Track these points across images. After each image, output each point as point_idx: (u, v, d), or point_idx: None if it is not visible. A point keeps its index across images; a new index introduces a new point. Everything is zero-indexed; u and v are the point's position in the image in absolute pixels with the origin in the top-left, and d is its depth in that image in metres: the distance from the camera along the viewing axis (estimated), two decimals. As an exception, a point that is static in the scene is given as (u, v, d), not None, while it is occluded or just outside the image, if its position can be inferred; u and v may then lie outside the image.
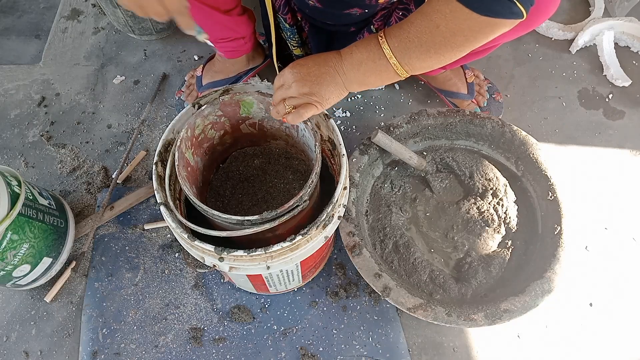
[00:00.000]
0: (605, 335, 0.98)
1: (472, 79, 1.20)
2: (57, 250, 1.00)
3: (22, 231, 0.89)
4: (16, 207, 0.86)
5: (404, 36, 0.64)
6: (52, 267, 1.01)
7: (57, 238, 0.99)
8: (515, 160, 1.05)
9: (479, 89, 1.21)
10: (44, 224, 0.94)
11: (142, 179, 1.16)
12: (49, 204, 0.98)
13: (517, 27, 0.84)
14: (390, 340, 0.96)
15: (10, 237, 0.86)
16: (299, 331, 0.98)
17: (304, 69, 0.68)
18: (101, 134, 1.24)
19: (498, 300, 0.87)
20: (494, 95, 1.22)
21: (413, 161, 1.02)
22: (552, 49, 1.36)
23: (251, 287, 0.93)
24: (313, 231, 0.68)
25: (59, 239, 1.00)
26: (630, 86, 1.28)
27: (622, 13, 1.37)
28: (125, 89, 1.31)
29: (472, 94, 1.18)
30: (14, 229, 0.87)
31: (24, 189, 0.90)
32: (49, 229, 0.96)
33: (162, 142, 0.76)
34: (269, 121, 0.82)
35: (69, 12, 1.47)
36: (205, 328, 0.98)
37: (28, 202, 0.91)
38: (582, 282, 1.03)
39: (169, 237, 1.08)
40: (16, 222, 0.87)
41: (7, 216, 0.84)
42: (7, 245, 0.86)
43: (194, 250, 0.69)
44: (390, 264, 0.97)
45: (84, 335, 0.98)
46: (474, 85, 1.20)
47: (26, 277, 0.96)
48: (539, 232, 0.99)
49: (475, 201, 1.03)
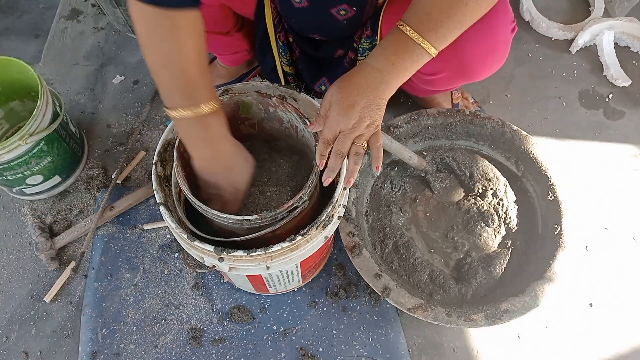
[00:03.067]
0: (606, 335, 0.98)
1: (458, 100, 1.21)
2: (68, 173, 1.14)
3: (51, 145, 1.04)
4: (55, 123, 1.02)
5: (440, 29, 0.63)
6: (58, 186, 1.13)
7: (72, 162, 1.14)
8: (515, 160, 1.05)
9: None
10: (68, 146, 1.10)
11: (142, 179, 1.16)
12: (75, 132, 1.14)
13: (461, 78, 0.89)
14: (390, 341, 0.96)
15: (41, 147, 1.01)
16: (298, 331, 0.98)
17: (357, 107, 0.64)
18: (101, 134, 1.24)
19: (498, 301, 0.87)
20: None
21: (413, 161, 1.01)
22: (552, 49, 1.36)
23: (251, 287, 0.93)
24: (313, 231, 0.68)
25: (73, 164, 1.14)
26: (630, 86, 1.28)
27: (622, 13, 1.37)
28: (125, 89, 1.31)
29: None
30: (47, 141, 1.02)
31: (63, 112, 1.07)
32: (70, 152, 1.11)
33: (162, 142, 0.76)
34: (269, 122, 0.82)
35: (69, 12, 1.47)
36: (205, 328, 0.98)
37: (63, 124, 1.06)
38: (582, 282, 1.03)
39: (168, 238, 1.08)
40: (51, 136, 1.02)
41: (47, 128, 0.99)
42: (37, 153, 1.01)
43: (194, 250, 0.69)
44: (390, 264, 0.97)
45: (84, 336, 0.98)
46: (459, 106, 1.21)
47: (35, 187, 1.08)
48: (539, 232, 0.99)
49: (475, 201, 1.03)
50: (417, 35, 0.63)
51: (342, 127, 0.65)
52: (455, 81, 0.94)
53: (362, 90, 0.64)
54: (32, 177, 1.05)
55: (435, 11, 0.62)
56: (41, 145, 1.01)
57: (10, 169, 1.00)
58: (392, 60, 0.64)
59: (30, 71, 1.00)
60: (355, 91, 0.64)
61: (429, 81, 0.95)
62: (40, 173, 1.05)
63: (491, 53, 0.83)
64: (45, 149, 1.02)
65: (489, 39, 0.80)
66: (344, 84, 0.65)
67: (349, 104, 0.64)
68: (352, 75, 0.66)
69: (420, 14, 0.63)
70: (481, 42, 0.80)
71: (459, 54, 0.79)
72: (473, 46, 0.80)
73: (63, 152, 1.08)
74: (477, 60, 0.84)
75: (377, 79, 0.64)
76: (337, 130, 0.66)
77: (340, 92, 0.65)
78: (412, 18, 0.64)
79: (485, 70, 0.88)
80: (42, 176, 1.06)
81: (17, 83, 1.08)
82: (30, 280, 1.05)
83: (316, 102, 0.81)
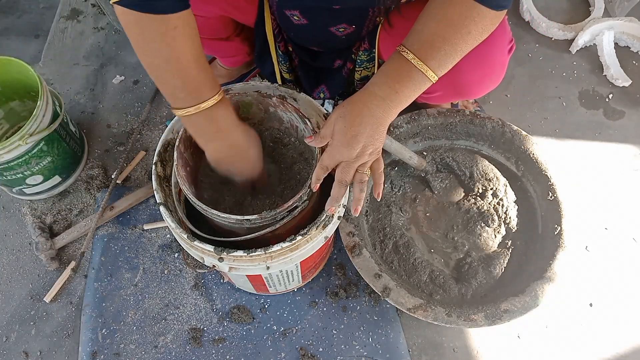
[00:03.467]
0: (606, 335, 0.98)
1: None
2: (68, 173, 1.13)
3: (51, 145, 1.04)
4: (55, 123, 1.02)
5: (442, 56, 0.63)
6: (58, 186, 1.13)
7: (72, 162, 1.14)
8: (515, 160, 1.05)
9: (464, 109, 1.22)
10: (68, 146, 1.10)
11: (142, 179, 1.16)
12: (75, 132, 1.15)
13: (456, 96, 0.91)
14: (390, 341, 0.96)
15: (41, 147, 1.01)
16: (298, 331, 0.98)
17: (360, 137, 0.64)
18: (100, 133, 1.24)
19: (498, 301, 0.87)
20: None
21: (413, 161, 1.01)
22: (552, 49, 1.36)
23: (251, 287, 0.93)
24: (313, 231, 0.68)
25: (73, 164, 1.15)
26: (630, 86, 1.28)
27: (622, 13, 1.37)
28: (125, 89, 1.31)
29: None
30: (47, 141, 1.02)
31: (63, 112, 1.07)
32: (70, 152, 1.11)
33: (162, 142, 0.76)
34: (269, 121, 0.82)
35: (69, 12, 1.47)
36: (205, 328, 0.98)
37: (63, 124, 1.07)
38: (582, 282, 1.03)
39: (168, 238, 1.08)
40: (51, 136, 1.02)
41: (47, 128, 0.99)
42: (37, 153, 1.01)
43: (194, 250, 0.69)
44: (390, 264, 0.97)
45: (84, 336, 0.97)
46: (458, 105, 1.21)
47: (35, 187, 1.08)
48: (539, 232, 0.99)
49: (475, 201, 1.03)
50: (419, 62, 0.62)
51: (345, 157, 0.65)
52: (450, 99, 0.96)
53: (366, 120, 0.64)
54: (32, 177, 1.05)
55: (439, 39, 0.62)
56: (41, 145, 1.01)
57: (10, 169, 1.00)
58: (395, 88, 0.64)
59: (30, 71, 1.00)
60: (359, 120, 0.64)
61: (426, 98, 0.96)
62: (40, 173, 1.05)
63: (487, 76, 0.84)
64: (45, 149, 1.03)
65: (486, 63, 0.80)
66: (347, 112, 0.65)
67: (352, 135, 0.64)
68: (355, 103, 0.65)
69: (423, 41, 0.63)
70: (477, 66, 0.80)
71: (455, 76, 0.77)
72: (469, 70, 0.80)
73: (63, 152, 1.08)
74: (473, 82, 0.84)
75: (380, 107, 0.64)
76: (339, 160, 0.66)
77: (344, 121, 0.64)
78: (414, 44, 0.63)
79: (480, 91, 0.88)
80: (42, 176, 1.07)
81: (17, 83, 1.08)
82: (30, 280, 1.05)
83: (316, 102, 0.81)
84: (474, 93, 0.89)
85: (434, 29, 0.62)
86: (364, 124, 0.64)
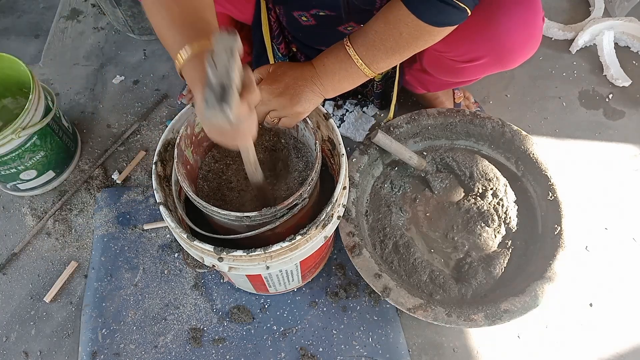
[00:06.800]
0: (606, 335, 0.98)
1: (460, 99, 1.22)
2: (62, 168, 1.14)
3: (44, 140, 1.04)
4: (47, 118, 1.01)
5: (370, 44, 0.70)
6: (52, 181, 1.13)
7: (65, 157, 1.14)
8: (515, 160, 1.05)
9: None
10: (61, 141, 1.10)
11: (142, 179, 1.16)
12: (67, 127, 1.15)
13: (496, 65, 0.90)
14: (390, 341, 0.96)
15: (34, 142, 1.01)
16: (298, 331, 0.97)
17: (282, 84, 0.71)
18: (101, 133, 1.24)
19: (498, 301, 0.87)
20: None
21: (413, 161, 1.01)
22: (552, 49, 1.36)
23: (251, 287, 0.93)
24: (312, 231, 0.68)
25: (67, 159, 1.15)
26: (630, 86, 1.28)
27: (622, 13, 1.37)
28: (125, 89, 1.31)
29: None
30: (40, 135, 1.02)
31: (56, 107, 1.06)
32: (63, 146, 1.12)
33: (162, 141, 0.76)
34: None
35: (69, 12, 1.47)
36: (205, 328, 0.98)
37: (55, 119, 1.07)
38: (582, 282, 1.03)
39: (168, 237, 1.08)
40: (43, 130, 1.02)
41: (40, 122, 0.99)
42: (30, 147, 1.01)
43: (193, 250, 0.69)
44: (390, 264, 0.97)
45: (84, 336, 0.97)
46: (461, 105, 1.22)
47: (29, 182, 1.09)
48: (539, 232, 0.99)
49: (475, 201, 1.03)
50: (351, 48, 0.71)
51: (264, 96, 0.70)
52: (488, 69, 0.93)
53: (295, 75, 0.72)
54: (26, 172, 1.06)
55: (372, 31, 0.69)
56: (34, 140, 1.01)
57: (3, 164, 1.00)
58: (323, 61, 0.73)
59: (22, 66, 1.00)
60: (289, 75, 0.72)
61: (461, 69, 0.93)
62: (34, 168, 1.06)
63: (531, 38, 0.84)
64: (39, 143, 1.03)
65: (529, 24, 0.82)
66: (288, 65, 0.73)
67: (277, 81, 0.71)
68: (297, 63, 0.74)
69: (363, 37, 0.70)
70: (521, 28, 0.82)
71: (499, 40, 0.82)
72: (515, 29, 0.82)
73: (56, 146, 1.08)
74: (516, 46, 0.85)
75: (310, 71, 0.73)
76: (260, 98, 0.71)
77: (280, 69, 0.73)
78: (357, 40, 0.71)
79: (523, 55, 0.88)
80: (35, 171, 1.07)
81: (8, 79, 1.08)
82: (30, 280, 1.05)
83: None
84: (517, 57, 0.88)
85: (372, 23, 0.70)
86: (292, 79, 0.71)
